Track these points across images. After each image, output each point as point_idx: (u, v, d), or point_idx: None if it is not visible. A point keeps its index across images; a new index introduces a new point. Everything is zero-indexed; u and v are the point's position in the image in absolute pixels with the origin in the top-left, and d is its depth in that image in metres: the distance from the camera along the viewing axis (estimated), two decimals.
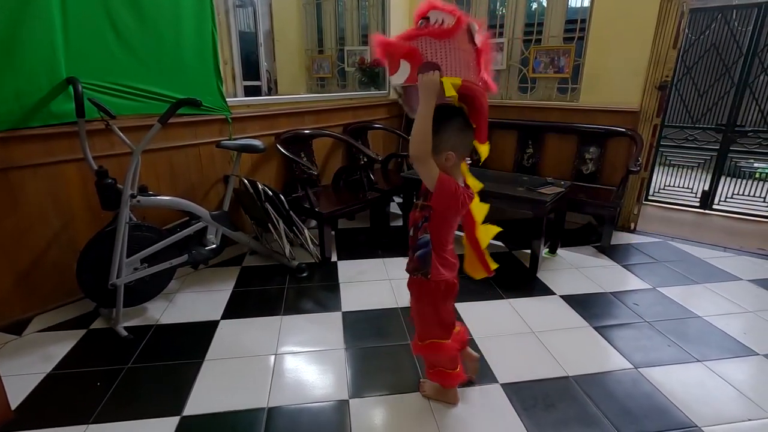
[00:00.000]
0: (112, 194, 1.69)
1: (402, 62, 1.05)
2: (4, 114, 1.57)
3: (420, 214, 1.21)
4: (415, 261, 1.24)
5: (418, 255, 1.22)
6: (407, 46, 1.05)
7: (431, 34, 1.05)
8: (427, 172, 1.11)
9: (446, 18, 1.05)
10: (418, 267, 1.25)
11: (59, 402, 1.43)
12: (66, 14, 1.66)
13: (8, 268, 1.70)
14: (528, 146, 3.18)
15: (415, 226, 1.23)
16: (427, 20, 1.06)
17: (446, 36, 1.05)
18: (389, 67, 1.09)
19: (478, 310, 2.00)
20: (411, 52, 1.04)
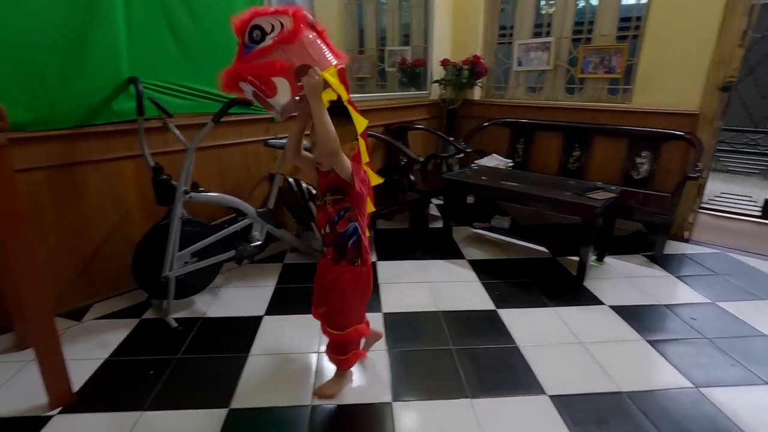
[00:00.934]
0: (167, 190, 1.75)
1: (276, 81, 1.03)
2: (70, 112, 1.66)
3: (334, 209, 1.25)
4: (350, 250, 1.29)
5: (353, 243, 1.28)
6: (271, 62, 1.02)
7: (282, 42, 1.02)
8: (344, 164, 1.16)
9: (281, 20, 1.03)
10: (354, 255, 1.31)
11: (116, 387, 1.50)
12: (129, 17, 1.74)
13: (70, 258, 1.80)
14: (574, 149, 3.07)
15: (331, 222, 1.27)
16: (260, 30, 1.02)
17: (296, 38, 1.04)
18: (265, 93, 1.04)
19: (521, 318, 1.94)
20: (278, 66, 1.02)
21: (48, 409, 1.38)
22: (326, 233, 1.30)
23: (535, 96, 3.38)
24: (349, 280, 1.33)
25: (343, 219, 1.25)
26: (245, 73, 1.00)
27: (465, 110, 3.60)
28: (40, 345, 1.32)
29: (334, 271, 1.33)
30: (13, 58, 1.50)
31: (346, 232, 1.26)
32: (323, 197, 1.26)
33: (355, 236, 1.27)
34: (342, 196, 1.22)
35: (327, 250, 1.33)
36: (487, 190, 2.54)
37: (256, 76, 1.00)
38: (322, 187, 1.26)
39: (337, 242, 1.28)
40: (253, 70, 0.99)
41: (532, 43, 3.25)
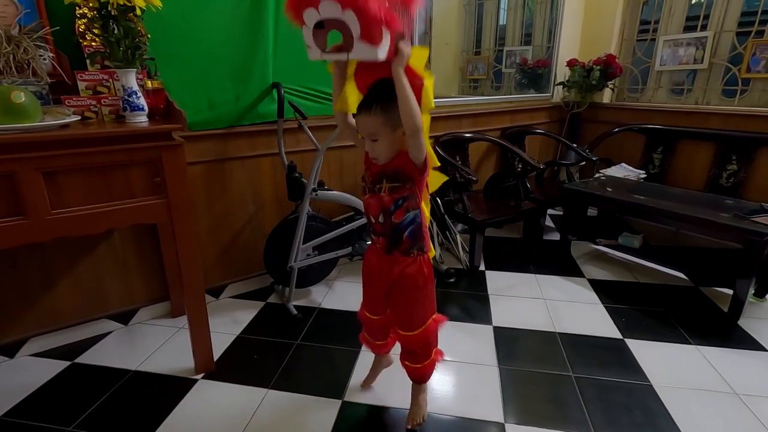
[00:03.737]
0: (298, 187, 1.89)
1: (384, 32, 0.84)
2: (226, 114, 1.88)
3: (391, 197, 1.10)
4: (405, 241, 1.15)
5: (409, 233, 1.14)
6: (391, 14, 0.85)
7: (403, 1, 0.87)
8: (422, 144, 1.02)
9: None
10: (411, 245, 1.16)
11: (246, 363, 1.66)
12: (278, 28, 1.91)
13: (215, 241, 2.04)
14: (730, 162, 2.61)
15: (386, 211, 1.12)
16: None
17: (413, 5, 0.89)
18: (369, 37, 0.84)
19: (654, 352, 1.71)
20: (394, 21, 0.85)
21: (194, 373, 1.58)
22: (377, 222, 1.16)
23: (680, 99, 2.95)
24: (418, 272, 1.19)
25: (400, 208, 1.11)
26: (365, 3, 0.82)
27: (590, 114, 3.29)
28: (193, 316, 1.52)
29: (393, 267, 1.19)
30: (186, 66, 1.74)
31: (402, 223, 1.12)
32: (376, 184, 1.11)
33: (413, 225, 1.13)
34: (401, 183, 1.08)
35: (377, 239, 1.19)
36: (618, 204, 2.28)
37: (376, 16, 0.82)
38: (374, 173, 1.12)
39: (391, 233, 1.14)
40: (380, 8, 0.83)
41: (682, 39, 2.84)
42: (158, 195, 1.33)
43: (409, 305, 1.24)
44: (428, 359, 1.31)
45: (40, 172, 1.14)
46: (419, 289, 1.21)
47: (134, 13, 1.25)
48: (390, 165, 1.09)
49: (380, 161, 1.09)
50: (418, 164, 1.06)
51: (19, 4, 1.34)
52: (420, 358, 1.29)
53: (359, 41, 0.85)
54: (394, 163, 1.09)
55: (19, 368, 1.62)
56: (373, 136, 1.05)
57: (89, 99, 1.36)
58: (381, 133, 1.04)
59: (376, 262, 1.24)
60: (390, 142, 1.06)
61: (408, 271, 1.18)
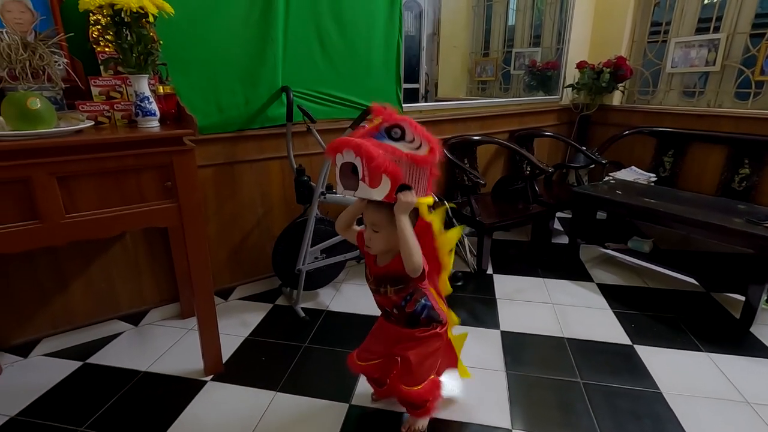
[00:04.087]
0: (306, 190, 1.90)
1: (384, 178, 1.00)
2: (236, 117, 1.90)
3: (399, 297, 1.18)
4: (423, 321, 1.22)
5: (425, 316, 1.21)
6: (394, 164, 0.99)
7: (412, 159, 1.02)
8: (417, 271, 1.09)
9: (422, 141, 1.03)
10: (429, 322, 1.23)
11: (254, 365, 1.67)
12: (287, 31, 1.92)
13: (224, 243, 2.06)
14: (743, 166, 2.58)
15: (398, 306, 1.21)
16: (402, 132, 1.02)
17: (425, 164, 1.04)
18: (368, 179, 0.99)
19: (664, 358, 1.70)
20: (395, 173, 0.99)
21: (203, 374, 1.60)
22: (393, 313, 1.24)
23: (692, 102, 2.92)
24: (432, 339, 1.25)
25: (410, 302, 1.19)
26: (368, 152, 0.97)
27: (600, 117, 3.27)
28: (203, 319, 1.53)
29: (409, 335, 1.25)
30: (197, 70, 1.76)
31: (416, 311, 1.20)
32: (381, 287, 1.19)
33: (426, 309, 1.21)
34: (404, 284, 1.16)
35: (395, 320, 1.26)
36: (627, 208, 2.26)
37: (374, 162, 0.97)
38: (376, 275, 1.19)
39: (408, 319, 1.22)
40: (377, 157, 0.97)
41: (695, 41, 2.81)
42: (170, 199, 1.34)
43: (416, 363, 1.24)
44: (424, 408, 1.32)
45: (54, 176, 1.16)
46: (432, 353, 1.27)
47: (147, 20, 1.27)
48: (390, 270, 1.15)
49: (372, 251, 1.15)
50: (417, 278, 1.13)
51: (35, 11, 1.36)
52: (417, 407, 1.32)
53: (361, 182, 1.01)
54: (393, 268, 1.14)
55: (33, 368, 1.65)
56: (375, 227, 1.11)
57: (102, 104, 1.38)
58: (383, 227, 1.10)
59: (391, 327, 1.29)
60: (389, 238, 1.11)
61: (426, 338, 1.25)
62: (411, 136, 1.03)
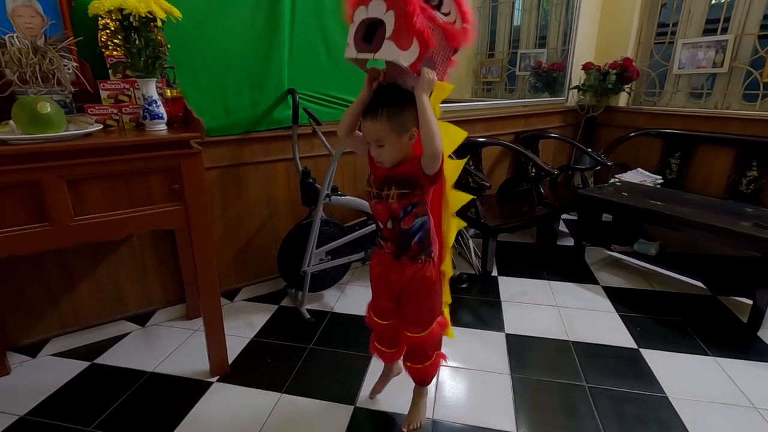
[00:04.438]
0: (311, 192, 1.91)
1: (415, 42, 0.88)
2: (242, 120, 1.91)
3: (400, 204, 1.09)
4: (413, 248, 1.15)
5: (417, 240, 1.14)
6: (429, 29, 0.88)
7: (449, 34, 0.92)
8: (437, 162, 1.03)
9: (457, 17, 0.93)
10: (419, 251, 1.16)
11: (260, 366, 1.68)
12: (293, 35, 1.92)
13: (230, 245, 2.07)
14: (751, 168, 2.56)
15: (395, 218, 1.12)
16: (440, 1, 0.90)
17: (458, 42, 0.95)
18: (400, 39, 0.87)
19: (670, 362, 1.69)
20: (429, 40, 0.88)
21: (209, 375, 1.61)
22: (385, 228, 1.16)
23: (699, 103, 2.90)
24: (428, 274, 1.19)
25: (409, 215, 1.10)
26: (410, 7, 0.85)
27: (606, 118, 3.25)
28: (209, 321, 1.54)
29: (403, 271, 1.19)
30: (204, 73, 1.77)
31: (410, 230, 1.12)
32: (384, 190, 1.10)
33: (422, 231, 1.14)
34: (411, 190, 1.08)
35: (385, 245, 1.20)
36: (633, 211, 2.25)
37: (416, 19, 0.86)
38: (380, 178, 1.11)
39: (399, 239, 1.14)
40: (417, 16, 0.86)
41: (702, 42, 2.79)
42: (177, 201, 1.36)
43: (418, 306, 1.24)
44: (430, 360, 1.31)
45: (64, 180, 1.18)
46: (429, 290, 1.22)
47: (155, 25, 1.28)
48: (399, 171, 1.08)
49: (386, 165, 1.09)
50: (430, 174, 1.06)
51: (45, 16, 1.37)
52: (423, 358, 1.31)
53: (388, 41, 0.88)
54: (403, 169, 1.08)
55: (41, 368, 1.67)
56: (379, 142, 1.06)
57: (111, 107, 1.39)
58: (387, 138, 1.04)
59: (383, 268, 1.24)
60: (396, 147, 1.06)
61: (420, 274, 1.18)
62: (448, 8, 0.93)
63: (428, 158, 1.02)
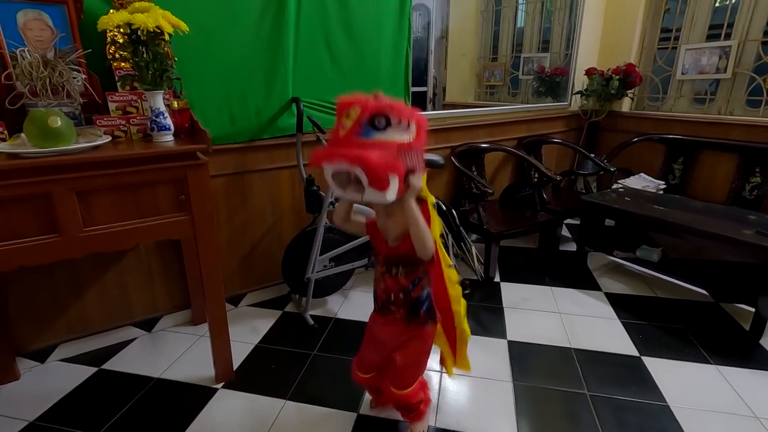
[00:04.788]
0: (315, 200, 1.93)
1: (391, 177, 0.94)
2: (247, 128, 1.93)
3: (408, 280, 1.18)
4: (422, 315, 1.23)
5: (425, 308, 1.23)
6: (395, 160, 0.94)
7: (411, 147, 0.97)
8: (430, 254, 1.11)
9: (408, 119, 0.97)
10: (425, 318, 1.25)
11: (264, 373, 1.70)
12: (297, 44, 1.95)
13: (235, 251, 2.09)
14: (754, 174, 2.56)
15: (405, 291, 1.20)
16: (387, 120, 0.94)
17: (420, 146, 1.00)
18: (377, 184, 0.94)
19: (671, 371, 1.70)
20: (400, 168, 0.95)
21: (215, 382, 1.63)
22: (397, 299, 1.23)
23: (702, 109, 2.90)
24: (428, 337, 1.29)
25: (418, 286, 1.20)
26: (367, 161, 0.91)
27: (609, 123, 3.26)
28: (214, 328, 1.56)
29: (405, 332, 1.26)
30: (209, 82, 1.79)
31: (420, 298, 1.22)
32: (393, 269, 1.18)
33: (428, 301, 1.23)
34: (415, 266, 1.17)
35: (396, 311, 1.24)
36: (636, 218, 2.26)
37: (376, 168, 0.92)
38: (387, 257, 1.19)
39: (411, 306, 1.22)
40: (377, 162, 0.91)
41: (705, 48, 2.79)
42: (183, 212, 1.38)
43: (409, 365, 1.29)
44: (417, 409, 1.36)
45: (74, 192, 1.20)
46: (425, 352, 1.30)
47: (162, 38, 1.30)
48: (401, 250, 1.15)
49: (391, 236, 1.16)
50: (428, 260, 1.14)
51: (55, 29, 1.40)
52: (410, 411, 1.36)
53: (369, 188, 0.96)
54: (405, 248, 1.14)
55: (50, 373, 1.69)
56: (387, 212, 1.12)
57: (119, 119, 1.41)
58: (396, 208, 1.09)
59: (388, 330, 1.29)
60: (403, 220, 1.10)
61: (422, 334, 1.27)
62: (397, 119, 0.96)
63: (421, 254, 1.11)
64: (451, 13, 4.32)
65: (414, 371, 1.31)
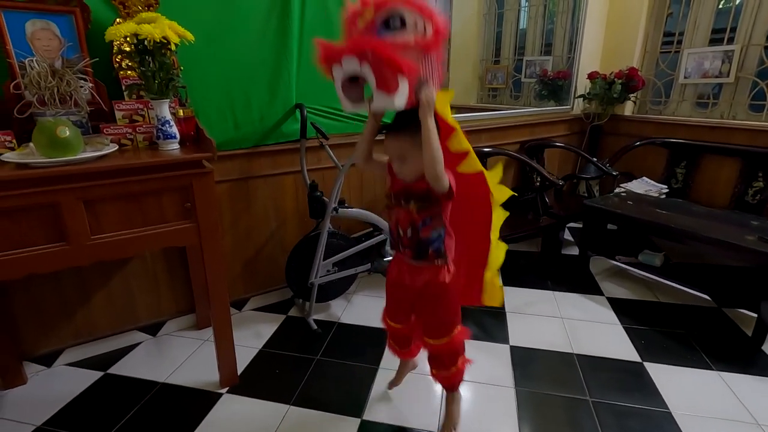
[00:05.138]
0: (319, 205, 1.94)
1: (401, 80, 0.87)
2: (251, 134, 1.94)
3: (420, 216, 1.14)
4: (431, 254, 1.19)
5: (434, 248, 1.18)
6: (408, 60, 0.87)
7: (426, 47, 0.90)
8: (442, 183, 1.05)
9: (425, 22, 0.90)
10: (434, 257, 1.20)
11: (268, 378, 1.71)
12: (301, 49, 1.96)
13: (239, 256, 2.11)
14: (757, 179, 2.56)
15: (415, 227, 1.16)
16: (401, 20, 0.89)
17: (434, 49, 0.92)
18: (385, 84, 0.88)
19: (674, 377, 1.70)
20: (412, 70, 0.88)
21: (219, 387, 1.65)
22: (405, 236, 1.19)
23: (705, 113, 2.90)
24: (441, 278, 1.22)
25: (428, 226, 1.15)
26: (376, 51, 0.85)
27: (611, 127, 3.26)
28: (219, 333, 1.58)
29: (419, 277, 1.23)
30: (214, 88, 1.80)
31: (429, 238, 1.17)
32: (405, 203, 1.15)
33: (438, 241, 1.18)
34: (430, 203, 1.12)
35: (403, 251, 1.22)
36: (638, 223, 2.26)
37: (384, 63, 0.85)
38: (402, 192, 1.15)
39: (417, 246, 1.19)
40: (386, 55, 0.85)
41: (708, 52, 2.79)
42: (189, 219, 1.39)
43: (436, 314, 1.28)
44: (455, 366, 1.33)
45: (81, 200, 1.22)
46: (442, 297, 1.25)
47: (169, 48, 1.31)
48: (417, 186, 1.12)
49: (407, 180, 1.13)
50: (442, 193, 1.09)
51: (62, 38, 1.42)
52: (447, 366, 1.33)
53: (377, 91, 0.90)
54: (421, 185, 1.10)
55: (57, 377, 1.71)
56: (401, 158, 1.09)
57: (125, 127, 1.43)
58: (409, 153, 1.08)
59: (401, 273, 1.28)
60: (418, 161, 1.07)
61: (434, 280, 1.22)
62: (413, 20, 0.91)
63: (430, 179, 1.05)
64: (454, 15, 4.33)
65: (442, 317, 1.28)
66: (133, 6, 1.48)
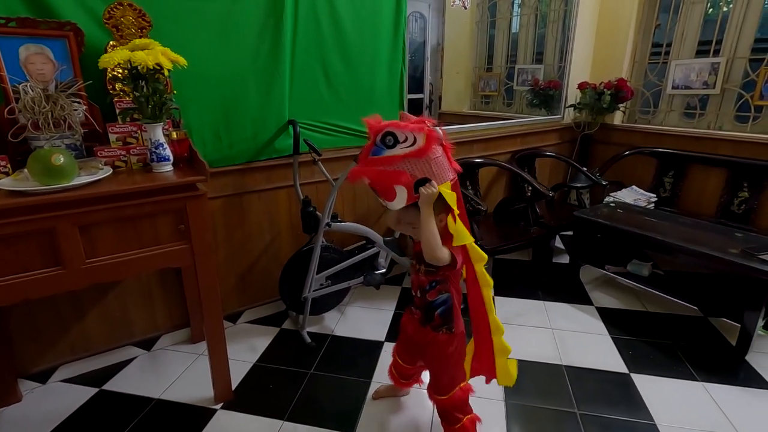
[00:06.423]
0: (312, 221, 1.97)
1: (397, 189, 1.11)
2: (245, 150, 1.97)
3: (427, 279, 1.27)
4: (436, 318, 1.30)
5: (440, 312, 1.28)
6: (397, 172, 1.09)
7: (411, 156, 1.09)
8: (443, 259, 1.17)
9: (415, 135, 1.08)
10: (440, 323, 1.30)
11: (262, 393, 1.74)
12: (294, 67, 1.98)
13: (233, 270, 2.13)
14: (742, 189, 2.61)
15: (422, 289, 1.29)
16: (393, 137, 1.09)
17: (425, 155, 1.09)
18: (384, 196, 1.13)
19: (660, 388, 1.74)
20: (400, 179, 1.09)
21: (213, 402, 1.67)
22: (416, 296, 1.34)
23: (692, 123, 2.96)
24: (443, 344, 1.32)
25: (434, 289, 1.27)
26: (371, 177, 1.12)
27: (601, 135, 3.31)
28: (213, 348, 1.60)
29: (423, 335, 1.35)
30: (209, 108, 1.83)
31: (435, 302, 1.28)
32: (418, 264, 1.28)
33: (444, 307, 1.28)
34: (435, 268, 1.23)
35: (415, 311, 1.37)
36: (628, 236, 2.30)
37: (380, 183, 1.12)
38: (417, 253, 1.28)
39: (425, 309, 1.31)
40: (380, 177, 1.11)
41: (695, 63, 2.84)
42: (183, 241, 1.41)
43: (436, 371, 1.39)
44: (459, 423, 1.37)
45: (76, 226, 1.23)
46: (443, 359, 1.34)
47: (162, 73, 1.34)
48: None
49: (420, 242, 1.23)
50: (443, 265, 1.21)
51: (56, 62, 1.43)
52: (451, 422, 1.39)
53: (379, 198, 1.17)
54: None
55: (51, 394, 1.72)
56: (412, 225, 1.22)
57: (119, 149, 1.45)
58: (416, 222, 1.18)
59: (411, 328, 1.41)
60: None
61: (437, 340, 1.32)
62: (403, 137, 1.10)
63: (428, 259, 1.18)
64: (447, 23, 4.37)
65: (441, 377, 1.36)
66: (127, 29, 1.50)
